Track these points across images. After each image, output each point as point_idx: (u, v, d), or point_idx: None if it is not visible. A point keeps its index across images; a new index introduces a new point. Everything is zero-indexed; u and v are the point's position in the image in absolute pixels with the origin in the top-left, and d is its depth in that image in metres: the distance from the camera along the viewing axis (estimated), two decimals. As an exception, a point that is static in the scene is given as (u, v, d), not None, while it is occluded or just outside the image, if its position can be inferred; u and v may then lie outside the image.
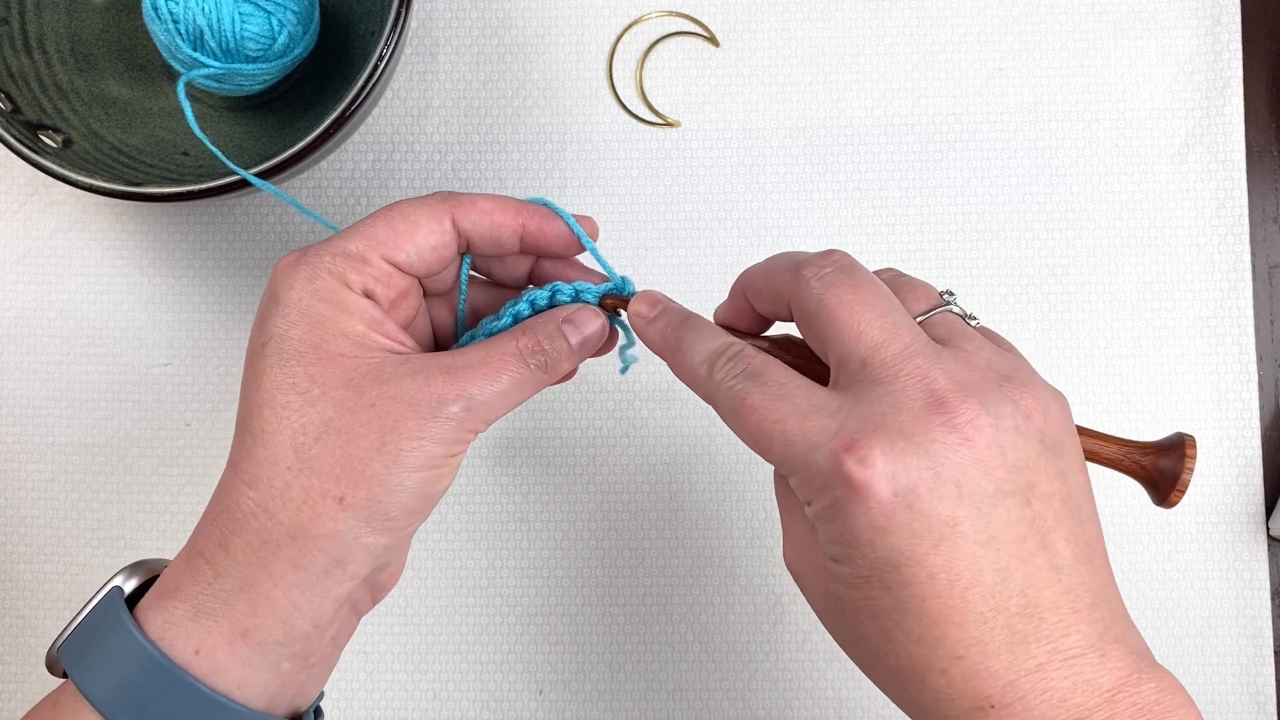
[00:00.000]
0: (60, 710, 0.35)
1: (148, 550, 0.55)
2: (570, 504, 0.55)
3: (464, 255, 0.40)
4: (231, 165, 0.46)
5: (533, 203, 0.40)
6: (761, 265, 0.38)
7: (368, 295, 0.37)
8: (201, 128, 0.48)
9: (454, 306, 0.42)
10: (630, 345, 0.42)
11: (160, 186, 0.48)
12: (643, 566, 0.55)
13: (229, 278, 0.56)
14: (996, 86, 0.57)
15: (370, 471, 0.34)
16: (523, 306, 0.39)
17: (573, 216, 0.40)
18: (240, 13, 0.48)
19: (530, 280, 0.42)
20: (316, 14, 0.52)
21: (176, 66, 0.50)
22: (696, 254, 0.56)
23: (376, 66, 0.47)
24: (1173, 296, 0.56)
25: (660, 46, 0.57)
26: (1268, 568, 0.54)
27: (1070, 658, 0.31)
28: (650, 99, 0.57)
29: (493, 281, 0.43)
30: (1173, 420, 0.55)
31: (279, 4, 0.49)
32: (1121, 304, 0.56)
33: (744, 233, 0.56)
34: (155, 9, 0.48)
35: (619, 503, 0.55)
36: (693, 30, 0.57)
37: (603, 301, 0.40)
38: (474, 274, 0.42)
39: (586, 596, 0.55)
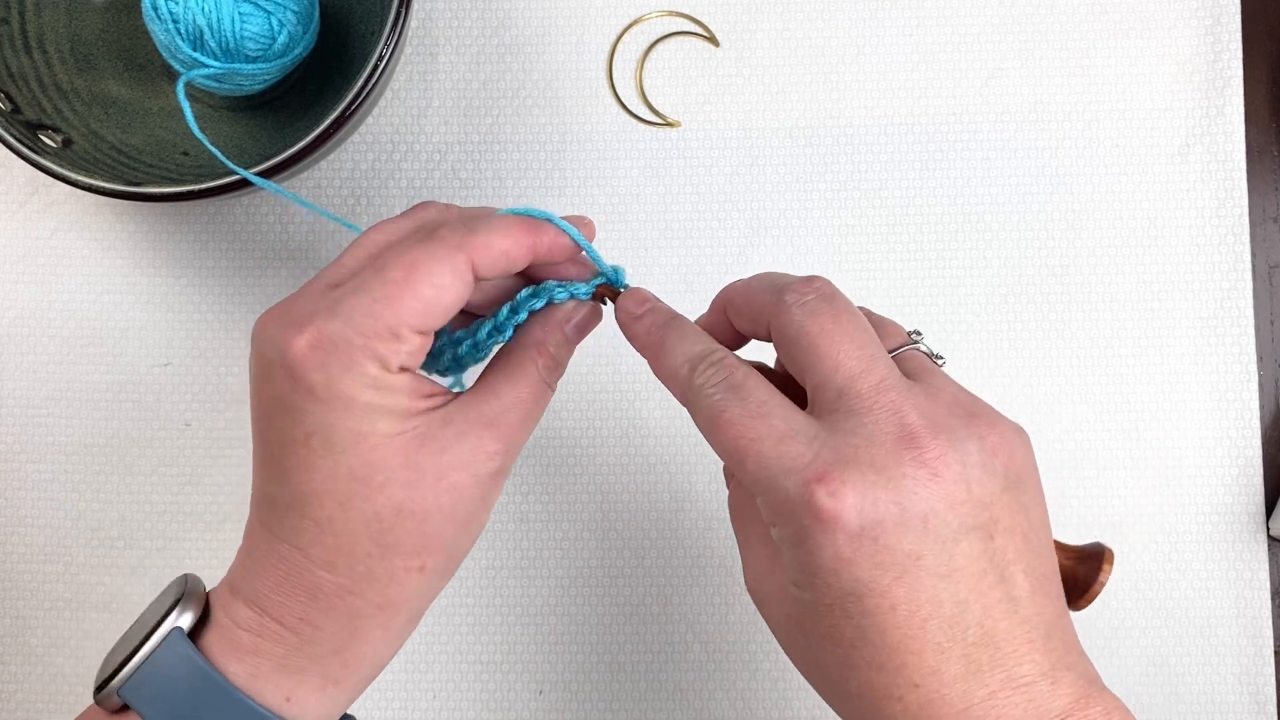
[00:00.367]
0: None
1: (147, 550, 0.55)
2: (570, 504, 0.55)
3: None
4: (232, 165, 0.46)
5: (536, 217, 0.38)
6: (744, 283, 0.38)
7: (404, 370, 0.36)
8: (201, 128, 0.48)
9: None
10: (457, 386, 0.41)
11: (160, 186, 0.48)
12: (643, 566, 0.55)
13: (229, 278, 0.56)
14: (996, 86, 0.57)
15: (444, 537, 0.36)
16: (521, 315, 0.39)
17: (569, 218, 0.39)
18: (240, 13, 0.48)
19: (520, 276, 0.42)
20: (316, 14, 0.52)
21: (176, 66, 0.50)
22: (696, 254, 0.56)
23: (376, 66, 0.47)
24: (1173, 296, 0.56)
25: (660, 46, 0.57)
26: (1268, 568, 0.54)
27: (1023, 685, 0.32)
28: (650, 99, 0.57)
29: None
30: (1173, 420, 0.55)
31: (279, 4, 0.49)
32: (1121, 304, 0.56)
33: (744, 233, 0.56)
34: (155, 9, 0.48)
35: (619, 503, 0.55)
36: (693, 30, 0.57)
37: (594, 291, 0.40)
38: None
39: (586, 596, 0.55)
